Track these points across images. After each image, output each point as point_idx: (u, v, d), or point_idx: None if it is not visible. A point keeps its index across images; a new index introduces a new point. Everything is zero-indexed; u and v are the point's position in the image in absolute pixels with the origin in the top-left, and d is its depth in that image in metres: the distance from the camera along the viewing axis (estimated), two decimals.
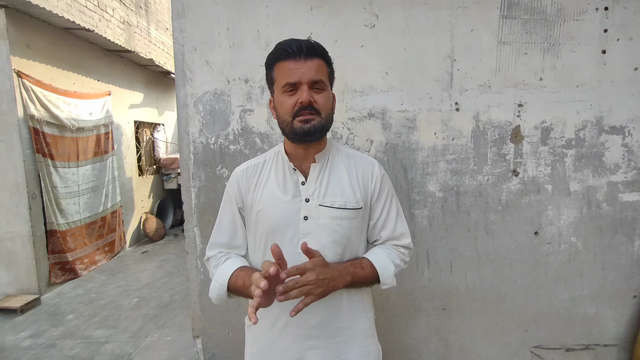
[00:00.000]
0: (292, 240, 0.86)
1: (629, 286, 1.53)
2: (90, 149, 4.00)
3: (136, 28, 5.01)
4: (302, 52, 0.79)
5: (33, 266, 3.20)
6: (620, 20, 1.41)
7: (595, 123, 1.46)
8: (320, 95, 0.82)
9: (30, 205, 3.17)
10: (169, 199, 5.80)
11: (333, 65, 0.89)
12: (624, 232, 1.50)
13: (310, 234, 0.85)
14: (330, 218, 0.85)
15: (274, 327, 0.89)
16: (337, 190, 0.87)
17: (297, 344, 0.87)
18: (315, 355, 0.87)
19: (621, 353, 1.57)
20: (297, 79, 0.79)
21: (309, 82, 0.79)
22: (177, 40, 1.46)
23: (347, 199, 0.87)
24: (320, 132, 0.83)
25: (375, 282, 0.89)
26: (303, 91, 0.79)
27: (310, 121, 0.80)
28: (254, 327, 0.94)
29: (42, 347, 2.42)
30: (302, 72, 0.79)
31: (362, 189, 0.90)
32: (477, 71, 1.45)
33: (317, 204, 0.86)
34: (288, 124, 0.82)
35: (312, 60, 0.80)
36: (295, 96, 0.80)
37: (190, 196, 1.53)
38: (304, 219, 0.86)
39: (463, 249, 1.53)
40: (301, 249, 0.76)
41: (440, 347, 1.59)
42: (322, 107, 0.82)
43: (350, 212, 0.87)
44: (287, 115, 0.81)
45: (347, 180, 0.89)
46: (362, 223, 0.92)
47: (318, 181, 0.87)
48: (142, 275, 3.77)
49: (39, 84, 3.26)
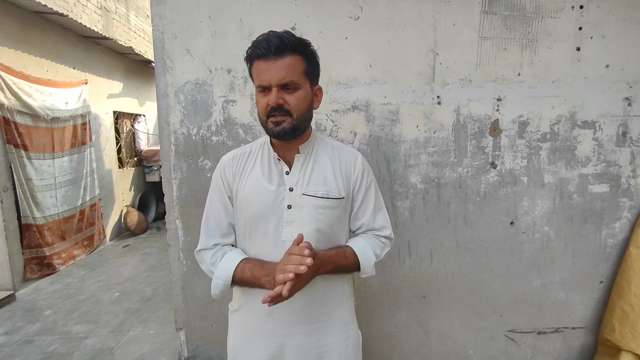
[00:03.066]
0: (277, 228, 0.87)
1: (596, 272, 1.62)
2: (67, 140, 3.83)
3: (115, 14, 4.80)
4: (270, 51, 0.77)
5: (6, 261, 3.07)
6: (594, 19, 1.46)
7: (568, 118, 1.52)
8: (292, 95, 0.81)
9: (1, 198, 3.03)
10: (152, 191, 5.66)
11: (317, 57, 0.88)
12: (593, 222, 1.58)
13: (294, 222, 0.87)
14: (313, 207, 0.87)
15: (258, 313, 0.90)
16: (320, 180, 0.89)
17: (280, 329, 0.90)
18: (297, 340, 0.90)
19: (588, 335, 1.67)
20: (267, 82, 0.79)
21: (278, 85, 0.79)
22: (156, 27, 1.42)
23: (329, 188, 0.89)
24: (292, 133, 0.83)
25: (356, 269, 0.92)
26: (272, 94, 0.79)
27: (281, 123, 0.81)
28: (238, 312, 0.96)
29: (17, 344, 2.34)
30: (271, 74, 0.78)
31: (344, 179, 0.91)
32: (459, 65, 1.47)
33: (301, 193, 0.87)
34: (264, 123, 0.84)
35: (283, 60, 0.78)
36: (267, 97, 0.81)
37: (171, 188, 1.50)
38: (288, 207, 0.87)
39: (443, 238, 1.58)
40: (296, 239, 0.77)
41: (420, 334, 1.64)
42: (294, 107, 0.81)
43: (332, 201, 0.88)
44: (262, 114, 0.83)
45: (330, 171, 0.90)
46: (345, 212, 0.93)
47: (302, 171, 0.89)
48: (124, 269, 3.69)
49: (8, 70, 3.09)
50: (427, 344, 1.65)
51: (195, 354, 1.62)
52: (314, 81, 0.88)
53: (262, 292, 0.83)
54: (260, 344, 0.91)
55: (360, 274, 0.92)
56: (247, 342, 0.93)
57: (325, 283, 0.90)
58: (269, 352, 0.90)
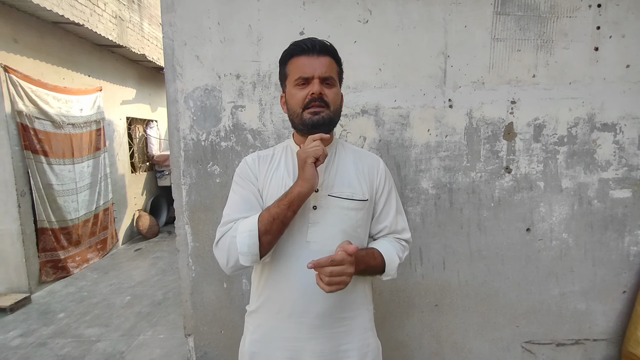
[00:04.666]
0: (301, 229, 0.87)
1: (619, 281, 1.54)
2: (85, 146, 3.93)
3: (129, 23, 4.92)
4: (315, 49, 0.85)
5: (23, 264, 3.14)
6: (613, 18, 1.41)
7: (587, 120, 1.47)
8: (330, 90, 0.87)
9: (19, 203, 3.11)
10: (163, 196, 5.74)
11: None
12: (614, 229, 1.52)
13: (319, 223, 0.87)
14: (338, 208, 0.88)
15: (278, 314, 0.89)
16: (344, 182, 0.90)
17: (299, 333, 0.88)
18: (316, 345, 0.88)
19: (610, 347, 1.59)
20: (310, 73, 0.84)
21: (321, 77, 0.85)
22: (166, 34, 1.43)
23: (354, 190, 0.90)
24: (329, 124, 0.87)
25: (381, 272, 0.91)
26: (315, 84, 0.84)
27: (320, 113, 0.85)
28: (256, 313, 0.94)
29: (32, 347, 2.38)
30: (314, 67, 0.84)
31: (368, 182, 0.93)
32: (471, 68, 1.44)
33: (326, 194, 0.88)
34: (298, 115, 0.86)
35: (324, 58, 0.86)
36: (307, 89, 0.85)
37: (181, 193, 1.51)
38: (313, 208, 0.87)
39: (456, 245, 1.53)
40: (340, 246, 0.78)
41: (432, 343, 1.60)
42: (332, 101, 0.86)
43: (357, 203, 0.89)
44: (298, 107, 0.86)
45: (354, 173, 0.92)
46: (368, 215, 0.94)
47: (327, 172, 0.90)
48: (135, 273, 3.73)
49: (27, 79, 3.19)
50: (440, 354, 1.60)
51: None
52: (341, 85, 0.94)
53: (283, 294, 0.86)
54: (279, 346, 0.89)
55: (383, 276, 0.91)
56: (266, 344, 0.91)
57: (348, 287, 0.87)
58: (287, 355, 0.88)
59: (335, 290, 0.75)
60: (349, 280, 0.77)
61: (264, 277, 0.92)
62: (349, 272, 0.76)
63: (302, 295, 0.85)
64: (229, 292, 1.56)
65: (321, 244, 0.86)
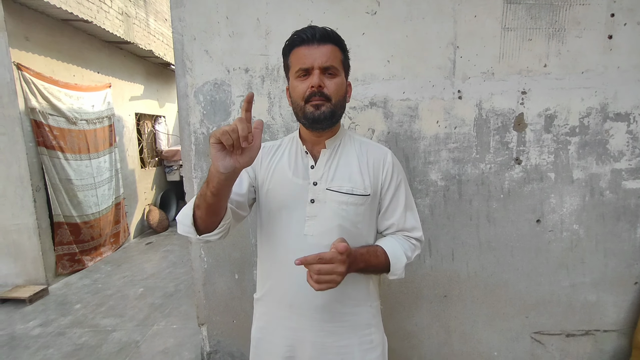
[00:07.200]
0: (299, 222, 0.87)
1: (631, 273, 1.53)
2: (100, 142, 4.02)
3: (135, 19, 4.95)
4: (315, 38, 0.82)
5: (40, 257, 3.24)
6: (628, 4, 1.38)
7: (599, 110, 1.44)
8: (331, 81, 0.83)
9: (34, 197, 3.19)
10: (172, 190, 5.82)
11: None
12: (627, 220, 1.50)
13: (316, 216, 0.86)
14: (336, 202, 0.86)
15: (280, 304, 0.91)
16: (345, 176, 0.88)
17: (300, 324, 0.89)
18: (317, 337, 0.89)
19: (621, 338, 1.59)
20: (310, 64, 0.81)
21: (321, 67, 0.81)
22: (176, 29, 1.45)
23: (354, 184, 0.87)
24: (330, 118, 0.84)
25: (386, 270, 0.88)
26: (314, 76, 0.81)
27: (320, 107, 0.82)
28: (261, 301, 0.96)
29: (51, 336, 2.47)
30: (314, 57, 0.81)
31: (372, 176, 0.89)
32: (480, 58, 1.43)
33: (325, 187, 0.87)
34: (301, 108, 0.84)
35: (325, 46, 0.82)
36: (308, 81, 0.82)
37: (192, 187, 1.54)
38: (311, 201, 0.86)
39: (465, 237, 1.53)
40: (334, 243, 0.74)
41: (441, 333, 1.61)
42: (333, 93, 0.83)
43: (357, 198, 0.87)
44: (300, 99, 0.83)
45: (356, 167, 0.89)
46: (371, 211, 0.91)
47: (327, 166, 0.89)
48: (147, 266, 3.81)
49: (39, 76, 3.25)
50: (449, 344, 1.62)
51: (216, 349, 1.65)
52: (347, 74, 0.90)
53: (285, 284, 0.88)
54: (281, 334, 0.91)
55: (389, 275, 0.88)
56: (269, 332, 0.94)
57: (349, 283, 0.87)
58: (288, 344, 0.90)
59: (325, 288, 0.72)
60: (340, 280, 0.74)
61: (266, 267, 0.94)
62: (339, 271, 0.72)
63: (300, 287, 0.83)
64: (241, 282, 1.59)
65: (318, 238, 0.85)
